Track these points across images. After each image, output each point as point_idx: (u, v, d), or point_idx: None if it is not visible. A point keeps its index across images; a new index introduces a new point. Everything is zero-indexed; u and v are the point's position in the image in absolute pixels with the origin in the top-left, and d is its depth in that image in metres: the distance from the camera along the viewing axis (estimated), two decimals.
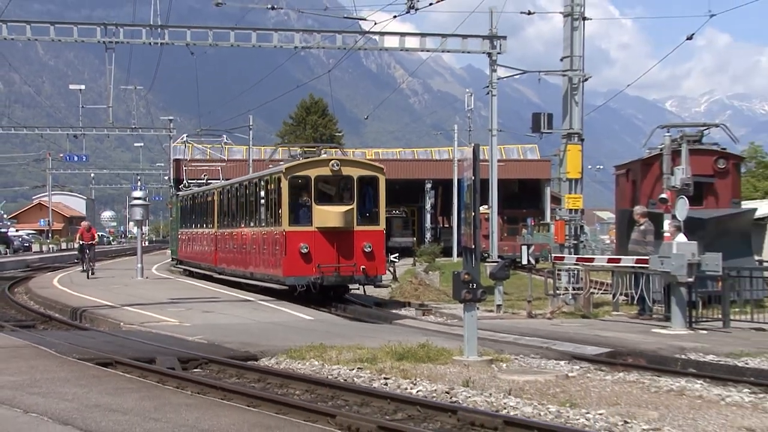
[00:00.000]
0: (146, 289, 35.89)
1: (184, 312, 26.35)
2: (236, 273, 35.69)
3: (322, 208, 28.19)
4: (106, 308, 27.58)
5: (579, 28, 29.20)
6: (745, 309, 23.49)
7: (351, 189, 29.00)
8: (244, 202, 35.12)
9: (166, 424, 11.07)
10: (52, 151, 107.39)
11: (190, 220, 48.59)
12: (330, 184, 29.40)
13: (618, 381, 15.29)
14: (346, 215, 28.06)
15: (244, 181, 35.94)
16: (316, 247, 27.86)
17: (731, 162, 29.97)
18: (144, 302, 29.23)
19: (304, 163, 29.40)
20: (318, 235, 27.94)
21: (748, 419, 12.18)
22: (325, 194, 29.23)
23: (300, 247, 27.69)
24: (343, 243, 28.12)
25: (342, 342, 18.75)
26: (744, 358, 17.40)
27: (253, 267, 32.56)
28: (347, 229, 28.14)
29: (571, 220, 29.49)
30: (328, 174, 28.70)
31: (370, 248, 28.38)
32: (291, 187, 28.47)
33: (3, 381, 14.09)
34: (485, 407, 12.71)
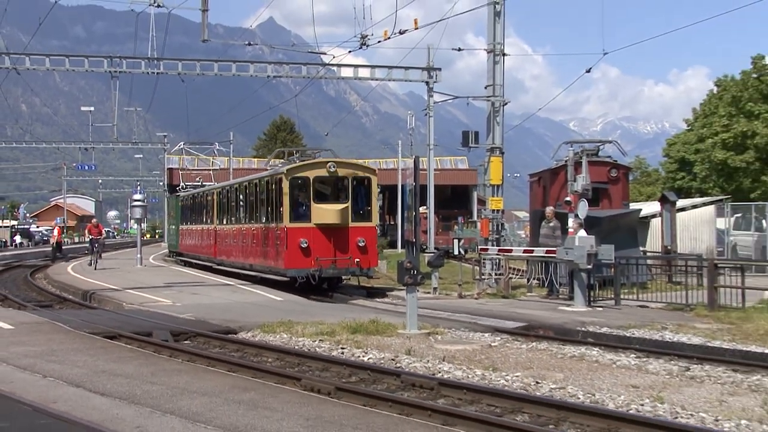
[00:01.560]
0: (144, 275, 35.63)
1: (176, 294, 26.18)
2: (235, 264, 34.08)
3: (320, 206, 26.66)
4: (111, 291, 27.38)
5: (499, 62, 29.35)
6: (633, 290, 23.67)
7: (346, 189, 27.36)
8: (244, 201, 33.30)
9: (161, 386, 11.05)
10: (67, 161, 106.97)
11: (190, 217, 46.42)
12: (327, 184, 27.88)
13: (531, 349, 15.37)
14: (342, 213, 26.53)
15: (243, 182, 33.94)
16: (314, 242, 26.31)
17: (621, 171, 30.21)
18: (142, 286, 29.04)
19: (303, 165, 27.55)
20: (316, 231, 26.41)
21: (634, 378, 12.33)
22: (323, 193, 27.67)
23: (300, 242, 26.18)
24: (339, 238, 26.58)
25: (306, 318, 18.71)
26: (631, 329, 17.59)
27: (253, 259, 30.87)
28: (343, 226, 26.59)
29: (494, 218, 29.61)
30: (325, 175, 27.12)
31: (363, 243, 26.79)
32: (291, 187, 26.76)
33: (26, 351, 14.08)
34: (424, 371, 12.76)
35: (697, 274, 22.96)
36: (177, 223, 50.33)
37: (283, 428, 8.74)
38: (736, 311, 19.71)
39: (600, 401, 10.66)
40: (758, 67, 46.17)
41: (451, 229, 61.56)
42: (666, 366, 13.48)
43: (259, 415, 9.38)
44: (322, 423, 8.98)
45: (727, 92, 48.78)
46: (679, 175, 59.80)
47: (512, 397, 10.70)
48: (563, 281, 24.12)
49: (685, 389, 11.53)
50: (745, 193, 44.10)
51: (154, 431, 8.66)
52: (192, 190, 47.49)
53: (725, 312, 19.69)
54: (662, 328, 17.72)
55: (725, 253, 35.95)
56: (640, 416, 9.71)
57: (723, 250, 36.40)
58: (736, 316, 18.78)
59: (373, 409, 9.96)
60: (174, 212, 52.43)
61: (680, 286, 22.92)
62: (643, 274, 25.68)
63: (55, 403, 9.97)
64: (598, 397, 10.90)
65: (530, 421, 9.82)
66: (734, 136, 45.07)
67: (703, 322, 18.68)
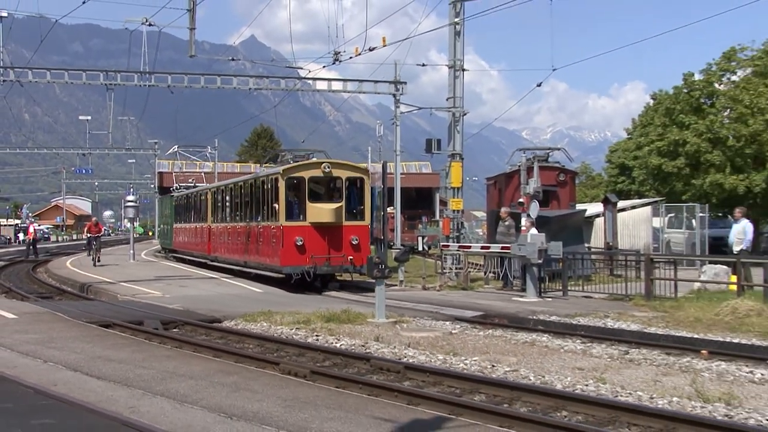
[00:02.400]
0: (137, 269, 35.39)
1: (165, 287, 26.04)
2: (229, 261, 32.02)
3: (315, 206, 24.94)
4: (107, 284, 27.19)
5: (459, 76, 29.40)
6: (578, 282, 23.80)
7: (340, 189, 25.74)
8: (239, 200, 31.02)
9: (152, 370, 11.00)
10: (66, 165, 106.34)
11: (184, 216, 43.91)
12: (321, 184, 26.17)
13: (488, 336, 15.40)
14: (336, 212, 24.87)
15: (238, 182, 31.93)
16: (309, 240, 24.61)
17: (569, 176, 30.37)
18: (135, 279, 28.85)
19: (299, 166, 25.80)
20: (311, 230, 24.72)
21: (580, 361, 12.40)
22: (317, 193, 25.96)
23: (295, 240, 24.45)
24: (333, 236, 24.93)
25: (284, 309, 18.66)
26: (577, 317, 17.66)
27: (248, 256, 28.89)
28: (337, 224, 24.94)
29: (454, 218, 29.66)
30: (320, 175, 25.41)
31: (357, 241, 25.11)
32: (287, 187, 25.11)
33: (28, 338, 14.01)
34: (391, 357, 12.77)
35: (635, 267, 23.11)
36: (171, 222, 48.38)
37: (263, 408, 8.72)
38: (669, 301, 19.86)
39: (549, 382, 10.71)
40: (688, 83, 46.54)
41: (416, 227, 61.57)
42: (608, 350, 13.57)
43: (242, 396, 9.37)
44: (298, 403, 8.96)
45: (662, 105, 49.09)
46: (619, 179, 60.16)
47: (471, 379, 10.74)
48: (517, 274, 24.18)
49: (624, 371, 11.61)
50: (677, 196, 44.43)
51: (146, 411, 8.62)
52: (186, 191, 45.29)
53: (660, 301, 19.83)
54: (604, 316, 17.83)
55: (660, 249, 36.22)
56: (584, 395, 9.78)
57: (658, 246, 36.65)
58: (669, 305, 18.92)
59: (345, 391, 9.97)
60: (168, 211, 50.33)
61: (620, 279, 23.05)
62: (588, 268, 25.84)
63: (55, 386, 9.93)
64: (547, 378, 10.95)
65: (487, 400, 9.85)
66: (668, 144, 45.39)
67: (641, 310, 18.82)
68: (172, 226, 47.22)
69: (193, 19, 26.47)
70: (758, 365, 12.17)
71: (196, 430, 7.84)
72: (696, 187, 44.18)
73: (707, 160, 43.48)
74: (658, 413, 8.71)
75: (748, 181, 42.30)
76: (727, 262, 21.95)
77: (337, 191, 25.87)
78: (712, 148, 43.49)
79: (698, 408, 9.17)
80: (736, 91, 43.70)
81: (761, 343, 13.94)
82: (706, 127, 43.66)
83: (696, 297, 20.25)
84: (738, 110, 42.75)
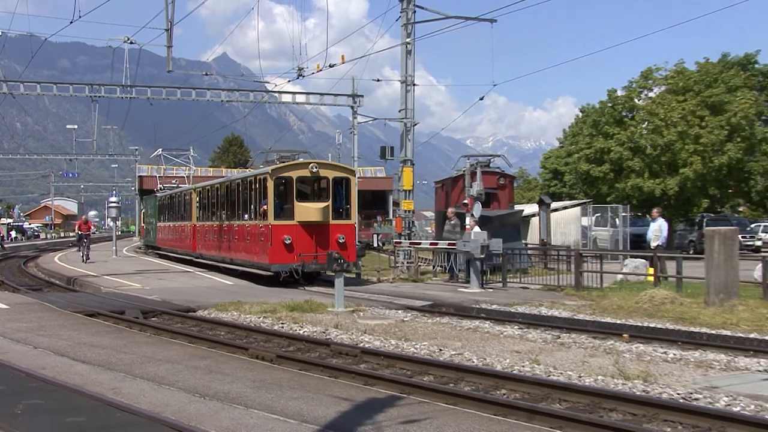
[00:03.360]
0: (119, 264, 34.97)
1: (145, 280, 25.78)
2: (214, 258, 29.92)
3: (303, 205, 23.27)
4: (91, 277, 26.85)
5: (410, 90, 29.49)
6: (516, 275, 23.95)
7: (327, 188, 23.98)
8: (225, 200, 28.92)
9: (132, 355, 10.91)
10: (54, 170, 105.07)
11: (168, 215, 41.47)
12: (309, 184, 24.64)
13: (435, 323, 15.44)
14: (323, 211, 23.15)
15: (225, 182, 29.93)
16: (297, 238, 22.95)
17: (508, 180, 30.53)
18: (117, 273, 28.52)
19: (287, 166, 24.01)
20: (299, 228, 23.00)
21: (517, 345, 12.48)
22: (305, 193, 24.48)
23: (284, 238, 22.78)
24: (320, 235, 23.23)
25: (253, 299, 18.57)
26: (515, 306, 17.77)
27: (234, 254, 26.99)
28: (324, 223, 23.24)
29: (406, 217, 29.74)
30: (308, 175, 23.73)
31: (343, 239, 23.41)
32: (276, 186, 23.46)
33: (20, 327, 13.87)
34: (349, 342, 12.75)
35: (566, 261, 23.30)
36: (155, 221, 46.36)
37: (234, 389, 8.67)
38: (595, 291, 20.05)
39: (490, 364, 10.76)
40: (612, 98, 47.02)
41: (372, 226, 61.59)
42: (542, 335, 13.68)
43: (214, 378, 9.30)
44: (265, 384, 8.93)
45: (589, 117, 49.58)
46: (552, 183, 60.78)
47: (420, 361, 10.76)
48: (461, 268, 24.27)
49: (556, 353, 11.70)
50: (603, 198, 44.85)
51: (127, 392, 8.53)
52: (170, 191, 42.95)
53: (587, 291, 20.03)
54: (539, 304, 17.94)
55: (588, 244, 36.62)
56: (521, 375, 9.84)
57: (586, 242, 37.07)
58: (596, 295, 19.12)
59: (308, 373, 9.94)
60: (152, 211, 48.28)
61: (553, 272, 23.23)
62: (525, 262, 26.02)
63: (44, 370, 9.83)
64: (488, 360, 11.00)
65: (434, 380, 9.88)
66: (595, 152, 45.79)
67: (571, 299, 18.99)
68: (156, 224, 45.46)
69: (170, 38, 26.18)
70: (671, 346, 12.37)
71: (173, 409, 7.77)
72: (619, 190, 44.64)
73: (629, 167, 43.96)
74: (585, 390, 8.81)
75: (663, 184, 42.83)
76: (646, 256, 22.23)
77: (324, 191, 24.32)
78: (632, 155, 43.97)
79: (620, 385, 9.27)
80: (653, 106, 44.23)
81: (674, 327, 14.14)
82: (627, 138, 44.15)
83: (619, 287, 20.49)
84: (654, 123, 43.29)
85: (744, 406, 8.29)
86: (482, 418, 7.51)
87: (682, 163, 42.29)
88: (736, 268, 16.25)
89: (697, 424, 7.55)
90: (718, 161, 41.75)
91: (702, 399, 8.59)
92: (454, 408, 7.96)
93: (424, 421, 7.23)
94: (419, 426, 7.08)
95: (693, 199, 44.17)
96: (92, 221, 39.55)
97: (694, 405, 8.21)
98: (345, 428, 7.01)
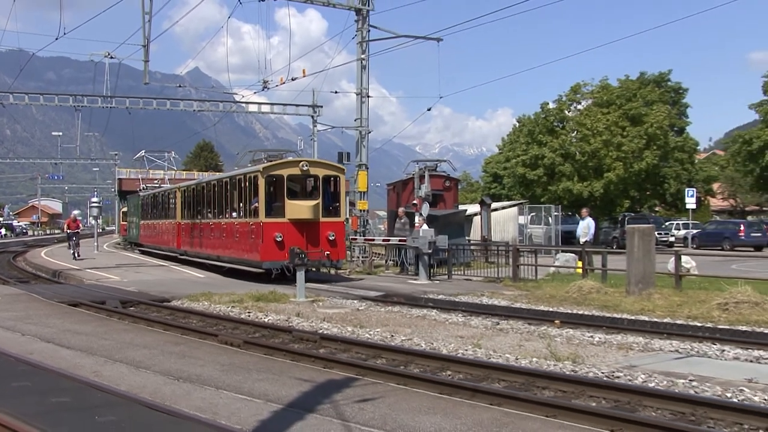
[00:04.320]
0: (100, 259, 34.37)
1: (123, 273, 25.38)
2: (200, 255, 27.74)
3: (293, 203, 21.41)
4: (75, 270, 26.37)
5: (365, 102, 29.53)
6: (461, 268, 24.09)
7: (317, 186, 22.08)
8: (213, 198, 26.54)
9: (112, 341, 10.77)
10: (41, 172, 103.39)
11: (151, 213, 38.63)
12: (299, 182, 22.54)
13: (388, 311, 15.43)
14: (313, 208, 21.37)
15: (212, 180, 27.46)
16: (288, 235, 21.09)
17: (453, 182, 30.66)
18: (98, 267, 28.04)
19: (278, 164, 22.00)
20: (290, 226, 21.22)
21: (461, 330, 12.53)
22: (295, 191, 22.41)
23: (275, 236, 20.98)
24: (311, 232, 21.45)
25: (222, 290, 18.40)
26: (459, 296, 17.83)
27: (222, 251, 24.86)
28: (314, 221, 21.45)
29: (361, 216, 29.78)
30: (298, 173, 21.77)
31: (333, 237, 21.71)
32: (267, 184, 21.51)
33: (9, 316, 13.68)
34: (309, 329, 12.69)
35: (505, 255, 23.45)
36: (137, 219, 43.33)
37: (206, 372, 8.59)
38: (531, 282, 20.24)
39: (437, 348, 10.79)
40: (545, 110, 47.58)
41: None
42: (483, 322, 13.74)
43: (187, 362, 9.21)
44: (234, 368, 8.86)
45: (525, 127, 50.06)
46: (493, 185, 61.19)
47: (374, 346, 10.75)
48: (411, 262, 24.29)
49: (496, 338, 11.77)
50: (537, 198, 45.34)
51: (108, 375, 8.42)
52: (153, 190, 40.19)
53: (524, 283, 20.20)
54: (481, 294, 18.04)
55: (524, 240, 36.99)
56: (464, 358, 9.88)
57: (523, 238, 37.44)
58: (531, 285, 19.29)
59: (272, 357, 9.88)
60: (135, 209, 45.58)
61: (493, 265, 23.40)
62: (468, 256, 26.17)
63: (31, 355, 9.70)
64: (435, 345, 11.03)
65: (387, 363, 9.87)
66: (530, 158, 46.26)
67: (509, 290, 19.12)
68: (139, 222, 43.11)
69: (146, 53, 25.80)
70: (597, 331, 12.53)
71: (150, 390, 7.67)
72: (551, 192, 45.20)
73: (560, 171, 44.53)
74: (521, 370, 8.88)
75: (590, 187, 43.48)
76: (575, 251, 22.50)
77: (314, 189, 22.32)
78: (563, 161, 44.55)
79: (552, 366, 9.36)
80: (581, 117, 44.90)
81: (599, 314, 14.32)
82: (559, 145, 44.72)
83: (551, 279, 20.71)
84: (582, 132, 43.91)
85: (658, 382, 8.44)
86: (430, 397, 7.53)
87: (606, 168, 42.99)
88: (653, 261, 16.52)
89: (618, 398, 7.66)
90: (638, 167, 42.54)
91: (623, 377, 8.71)
92: (404, 388, 7.97)
93: (378, 400, 7.23)
94: (373, 404, 7.08)
95: (616, 200, 44.97)
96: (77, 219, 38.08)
97: (616, 382, 8.33)
98: (306, 407, 6.98)
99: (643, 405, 7.46)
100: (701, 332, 12.18)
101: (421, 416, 6.69)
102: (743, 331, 12.10)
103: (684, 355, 10.36)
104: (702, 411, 7.10)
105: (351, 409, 6.88)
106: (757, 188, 53.97)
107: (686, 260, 19.67)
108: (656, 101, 45.67)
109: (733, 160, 54.30)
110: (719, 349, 10.71)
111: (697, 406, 7.20)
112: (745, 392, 7.90)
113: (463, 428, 6.33)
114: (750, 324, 12.71)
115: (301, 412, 6.78)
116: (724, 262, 27.93)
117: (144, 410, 6.66)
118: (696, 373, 8.84)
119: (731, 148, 53.52)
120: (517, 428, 6.34)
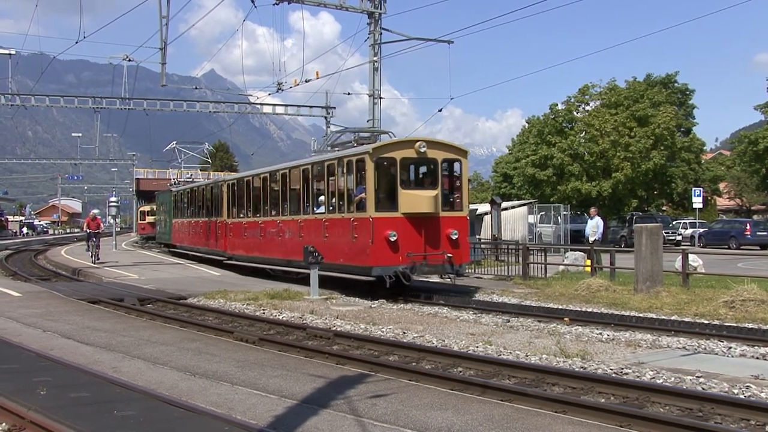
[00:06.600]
0: (118, 257, 34.52)
1: (141, 271, 25.52)
2: (256, 260, 23.25)
3: (409, 193, 16.56)
4: (94, 268, 26.51)
5: (377, 103, 29.44)
6: (471, 266, 24.01)
7: (435, 173, 17.14)
8: (280, 192, 21.47)
9: (131, 338, 10.80)
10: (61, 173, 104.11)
11: (188, 211, 33.57)
12: (414, 167, 17.69)
13: (400, 309, 15.42)
14: (433, 200, 16.59)
15: (281, 170, 21.53)
16: (403, 234, 16.40)
17: None
18: (117, 265, 28.20)
19: (389, 144, 17.19)
20: (405, 222, 16.44)
21: (472, 328, 12.49)
22: (409, 178, 17.49)
23: (388, 234, 16.23)
24: (429, 230, 16.74)
25: (237, 288, 18.47)
26: (470, 293, 17.82)
27: (299, 255, 18.47)
28: (434, 215, 16.72)
29: None
30: (414, 156, 16.87)
31: (456, 235, 16.93)
32: (377, 170, 16.62)
33: (31, 312, 13.79)
34: (323, 326, 12.71)
35: (515, 254, 23.42)
36: (168, 218, 38.33)
37: (221, 368, 8.61)
38: (540, 280, 20.20)
39: (448, 345, 10.76)
40: (554, 111, 47.37)
41: None
42: (494, 319, 13.71)
43: (203, 359, 9.23)
44: (249, 364, 8.87)
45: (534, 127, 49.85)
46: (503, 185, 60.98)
47: (386, 343, 10.73)
48: None
49: (506, 335, 11.73)
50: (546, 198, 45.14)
51: (126, 371, 8.45)
52: (188, 185, 34.62)
53: (534, 281, 20.16)
54: (491, 292, 18.01)
55: (534, 239, 36.84)
56: (475, 355, 9.85)
57: (533, 237, 37.29)
58: (541, 283, 19.25)
59: (286, 354, 9.89)
60: (166, 207, 39.92)
61: (504, 263, 23.35)
62: (479, 254, 26.07)
63: (52, 350, 9.75)
64: (446, 342, 11.00)
65: (399, 360, 9.86)
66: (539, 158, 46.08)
67: (519, 287, 19.08)
68: (171, 221, 37.72)
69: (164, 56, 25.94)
70: (605, 328, 12.48)
71: (167, 386, 7.69)
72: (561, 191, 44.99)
73: (569, 171, 44.31)
74: (531, 367, 8.83)
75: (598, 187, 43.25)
76: (584, 250, 22.42)
77: (432, 176, 17.37)
78: (572, 161, 44.34)
79: (561, 362, 9.32)
80: (589, 118, 44.65)
81: (608, 311, 14.26)
82: (567, 146, 44.51)
83: (560, 277, 20.65)
84: (591, 133, 43.70)
85: (666, 378, 8.39)
86: (441, 393, 7.51)
87: (614, 168, 42.75)
88: (661, 260, 16.43)
89: (627, 395, 7.62)
90: (645, 167, 42.27)
91: (631, 373, 8.66)
92: (416, 384, 7.95)
93: (390, 396, 7.21)
94: (386, 400, 7.06)
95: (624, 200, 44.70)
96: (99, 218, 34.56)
97: (624, 378, 8.28)
98: (320, 403, 6.97)
99: (651, 401, 7.41)
100: (708, 329, 12.09)
101: (433, 412, 6.66)
102: (750, 329, 12.01)
103: (691, 352, 10.29)
104: (709, 407, 7.05)
105: (364, 405, 6.86)
106: (763, 188, 53.65)
107: (693, 259, 19.55)
108: (663, 102, 45.38)
109: (739, 160, 54.07)
110: (726, 347, 10.64)
111: (705, 402, 7.15)
112: (752, 389, 7.84)
113: (474, 424, 6.31)
114: (756, 321, 12.62)
115: (315, 408, 6.77)
116: (730, 261, 27.74)
117: (162, 405, 6.67)
118: (703, 370, 8.77)
119: (737, 149, 53.22)
120: (528, 424, 6.31)
